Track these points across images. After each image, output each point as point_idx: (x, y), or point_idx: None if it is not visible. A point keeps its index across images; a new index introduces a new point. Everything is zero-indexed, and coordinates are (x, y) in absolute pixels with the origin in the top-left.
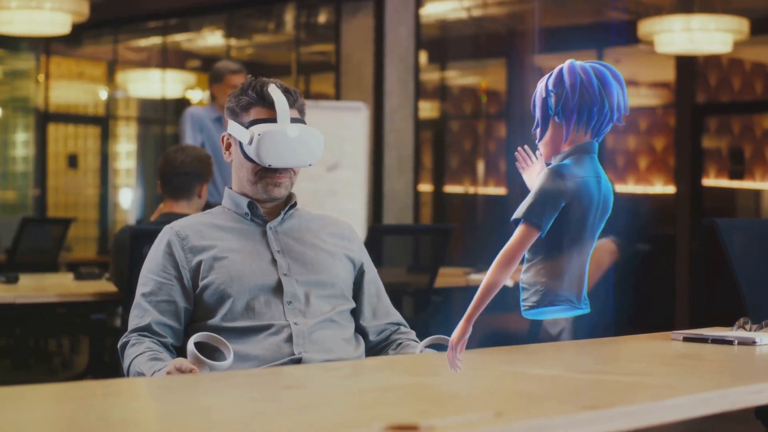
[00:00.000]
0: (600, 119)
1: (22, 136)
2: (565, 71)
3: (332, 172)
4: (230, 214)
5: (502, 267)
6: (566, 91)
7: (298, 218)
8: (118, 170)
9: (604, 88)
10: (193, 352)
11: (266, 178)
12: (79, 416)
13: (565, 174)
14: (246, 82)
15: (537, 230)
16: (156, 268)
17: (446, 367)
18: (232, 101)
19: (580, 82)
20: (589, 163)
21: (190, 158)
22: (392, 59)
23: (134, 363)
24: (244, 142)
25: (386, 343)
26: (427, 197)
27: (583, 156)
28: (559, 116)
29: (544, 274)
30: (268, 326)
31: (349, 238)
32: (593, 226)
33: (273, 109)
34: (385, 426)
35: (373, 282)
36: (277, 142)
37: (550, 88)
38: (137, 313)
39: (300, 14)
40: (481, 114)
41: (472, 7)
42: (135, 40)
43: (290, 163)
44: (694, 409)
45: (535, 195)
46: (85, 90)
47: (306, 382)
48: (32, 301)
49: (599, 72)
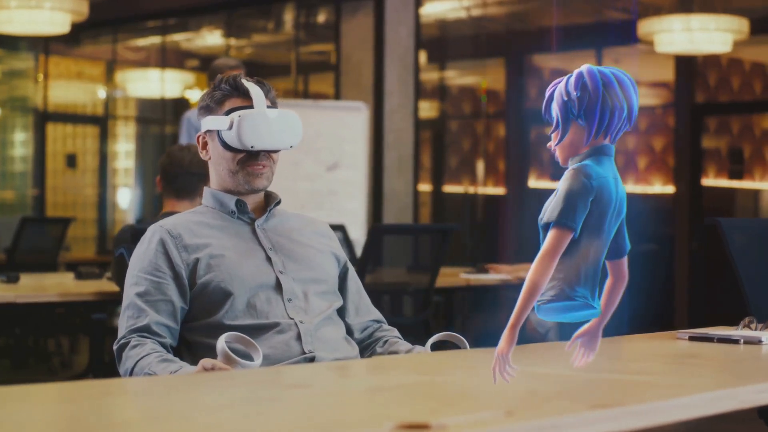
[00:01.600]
0: (620, 123)
1: (20, 136)
2: (586, 75)
3: (332, 171)
4: (215, 212)
5: (541, 274)
6: (589, 93)
7: (279, 216)
8: (117, 170)
9: (624, 92)
10: (225, 351)
11: (247, 167)
12: (79, 416)
13: (590, 173)
14: (216, 80)
15: (570, 232)
16: (149, 267)
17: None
18: (206, 99)
19: (603, 85)
20: (608, 165)
21: (197, 158)
22: (392, 59)
23: (142, 364)
24: (223, 129)
25: (371, 341)
26: (426, 197)
27: (602, 158)
28: (582, 119)
29: (561, 270)
30: (274, 324)
31: (329, 236)
32: (609, 227)
33: (248, 98)
34: (397, 425)
35: (354, 279)
36: (257, 124)
37: (571, 91)
38: (132, 313)
39: (299, 14)
40: (481, 114)
41: (471, 7)
42: (134, 40)
43: (272, 144)
44: (703, 408)
45: (564, 197)
46: (83, 89)
47: (311, 381)
48: (33, 300)
49: (619, 77)
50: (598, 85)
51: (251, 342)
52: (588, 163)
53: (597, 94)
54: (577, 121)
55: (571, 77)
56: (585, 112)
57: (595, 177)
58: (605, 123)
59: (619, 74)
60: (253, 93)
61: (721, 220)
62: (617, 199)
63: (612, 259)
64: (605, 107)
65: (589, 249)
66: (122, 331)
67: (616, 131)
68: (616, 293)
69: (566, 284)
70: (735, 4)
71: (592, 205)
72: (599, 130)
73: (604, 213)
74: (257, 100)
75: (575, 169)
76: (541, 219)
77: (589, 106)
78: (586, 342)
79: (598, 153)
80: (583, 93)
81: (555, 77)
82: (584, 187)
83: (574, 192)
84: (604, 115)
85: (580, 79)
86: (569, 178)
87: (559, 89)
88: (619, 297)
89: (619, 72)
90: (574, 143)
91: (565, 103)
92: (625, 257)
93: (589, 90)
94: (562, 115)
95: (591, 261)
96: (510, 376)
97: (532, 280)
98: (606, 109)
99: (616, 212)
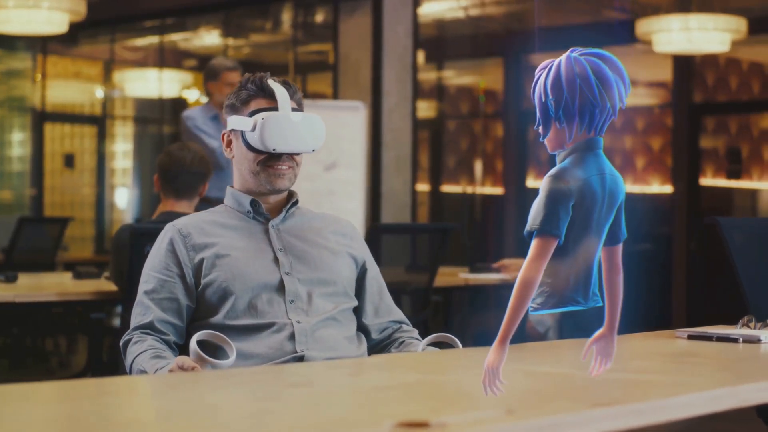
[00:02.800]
0: (601, 118)
1: (18, 136)
2: (562, 72)
3: (330, 171)
4: (233, 212)
5: (527, 284)
6: (565, 96)
7: (300, 216)
8: (115, 170)
9: (603, 86)
10: (196, 350)
11: (269, 169)
12: (78, 415)
13: (566, 177)
14: (244, 79)
15: (555, 239)
16: (158, 265)
17: (455, 364)
18: (232, 98)
19: (579, 86)
20: (593, 161)
21: (197, 158)
22: (390, 59)
23: (136, 361)
24: (246, 130)
25: (388, 342)
26: (424, 197)
27: (586, 154)
28: (560, 121)
29: (549, 275)
30: (270, 324)
31: (351, 236)
32: (599, 223)
33: (273, 99)
34: (396, 423)
35: (375, 280)
36: (280, 127)
37: (549, 92)
38: (139, 310)
39: (297, 13)
40: (479, 113)
41: (469, 7)
42: (132, 40)
43: (294, 147)
44: (702, 407)
45: (544, 205)
46: (81, 89)
47: (312, 380)
48: (31, 300)
49: (597, 68)
50: (575, 84)
51: (226, 340)
52: (565, 166)
53: (574, 95)
54: (555, 123)
55: (550, 73)
56: (563, 114)
57: (572, 179)
58: (585, 121)
59: (597, 65)
60: (278, 94)
61: (721, 220)
62: (605, 194)
63: (605, 246)
64: (583, 107)
65: (577, 251)
66: (130, 327)
67: (600, 125)
68: (616, 290)
69: (554, 290)
70: (733, 3)
71: (573, 210)
72: (580, 128)
73: (589, 213)
74: (282, 102)
75: (551, 175)
76: (526, 228)
77: (566, 107)
78: (601, 348)
79: (581, 149)
80: (558, 95)
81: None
82: (562, 193)
83: (553, 198)
84: (583, 114)
85: (557, 78)
86: (547, 185)
87: (538, 87)
88: (620, 292)
89: (598, 60)
90: (559, 140)
91: (543, 103)
92: (620, 245)
93: (565, 92)
94: (542, 114)
95: (582, 263)
96: (498, 390)
97: (518, 291)
98: (585, 109)
99: (606, 206)
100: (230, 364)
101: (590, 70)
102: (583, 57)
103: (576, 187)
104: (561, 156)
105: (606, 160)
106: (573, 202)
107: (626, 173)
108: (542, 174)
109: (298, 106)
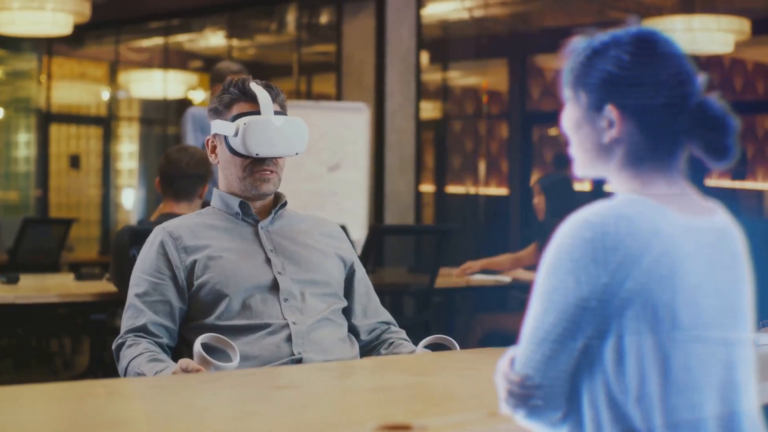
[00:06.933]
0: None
1: (24, 137)
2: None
3: (333, 172)
4: (221, 214)
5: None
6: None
7: (288, 218)
8: (120, 171)
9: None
10: (200, 353)
11: (254, 173)
12: (79, 416)
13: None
14: (226, 82)
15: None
16: (149, 268)
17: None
18: (215, 101)
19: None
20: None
21: (195, 160)
22: (393, 59)
23: (133, 364)
24: (229, 135)
25: (377, 342)
26: (428, 198)
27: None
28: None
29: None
30: (266, 325)
31: (338, 238)
32: None
33: (256, 103)
34: (378, 426)
35: (363, 281)
36: (262, 131)
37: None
38: (131, 313)
39: (301, 15)
40: (483, 114)
41: (473, 8)
42: (137, 41)
43: (277, 151)
44: None
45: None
46: (87, 90)
47: (301, 382)
48: (33, 301)
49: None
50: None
51: (229, 343)
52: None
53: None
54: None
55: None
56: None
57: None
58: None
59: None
60: (260, 98)
61: None
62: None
63: None
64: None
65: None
66: (121, 331)
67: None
68: None
69: None
70: (737, 4)
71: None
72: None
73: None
74: (264, 105)
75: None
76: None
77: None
78: None
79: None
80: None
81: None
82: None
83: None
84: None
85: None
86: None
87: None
88: None
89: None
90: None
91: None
92: None
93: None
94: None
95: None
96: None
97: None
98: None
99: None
100: (234, 366)
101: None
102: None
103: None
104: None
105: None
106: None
107: None
108: (546, 174)
109: (282, 109)
